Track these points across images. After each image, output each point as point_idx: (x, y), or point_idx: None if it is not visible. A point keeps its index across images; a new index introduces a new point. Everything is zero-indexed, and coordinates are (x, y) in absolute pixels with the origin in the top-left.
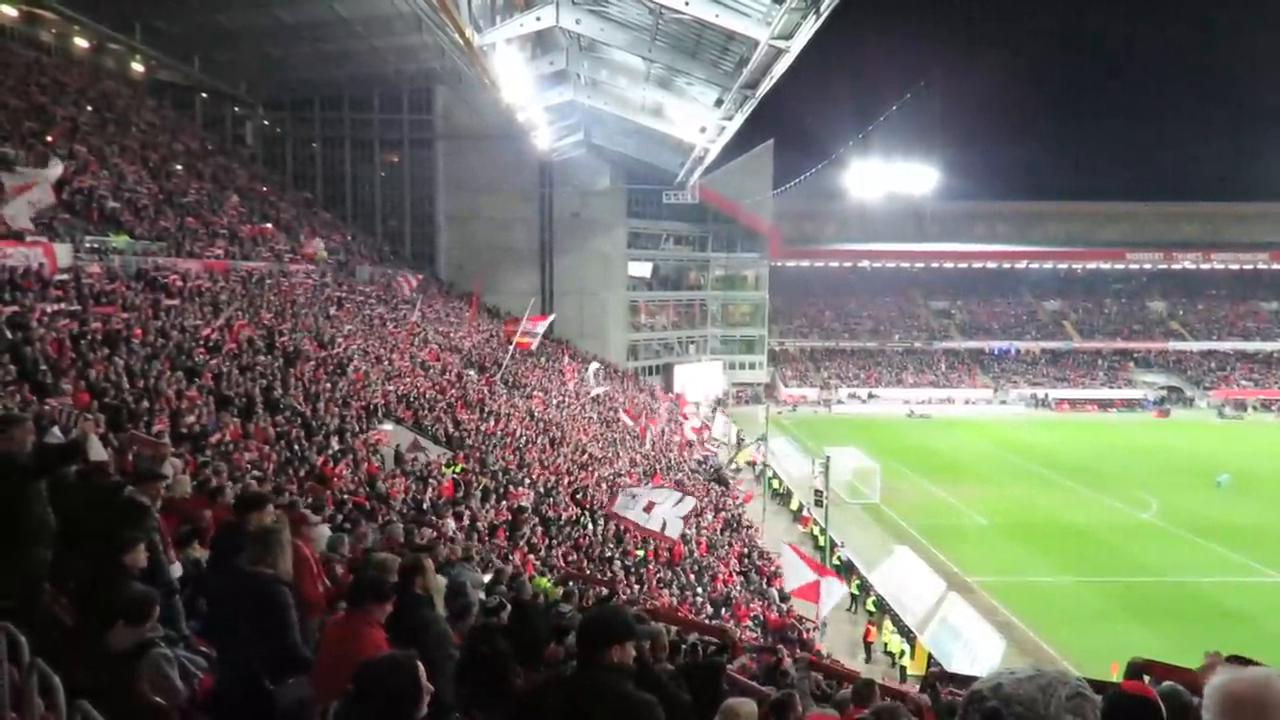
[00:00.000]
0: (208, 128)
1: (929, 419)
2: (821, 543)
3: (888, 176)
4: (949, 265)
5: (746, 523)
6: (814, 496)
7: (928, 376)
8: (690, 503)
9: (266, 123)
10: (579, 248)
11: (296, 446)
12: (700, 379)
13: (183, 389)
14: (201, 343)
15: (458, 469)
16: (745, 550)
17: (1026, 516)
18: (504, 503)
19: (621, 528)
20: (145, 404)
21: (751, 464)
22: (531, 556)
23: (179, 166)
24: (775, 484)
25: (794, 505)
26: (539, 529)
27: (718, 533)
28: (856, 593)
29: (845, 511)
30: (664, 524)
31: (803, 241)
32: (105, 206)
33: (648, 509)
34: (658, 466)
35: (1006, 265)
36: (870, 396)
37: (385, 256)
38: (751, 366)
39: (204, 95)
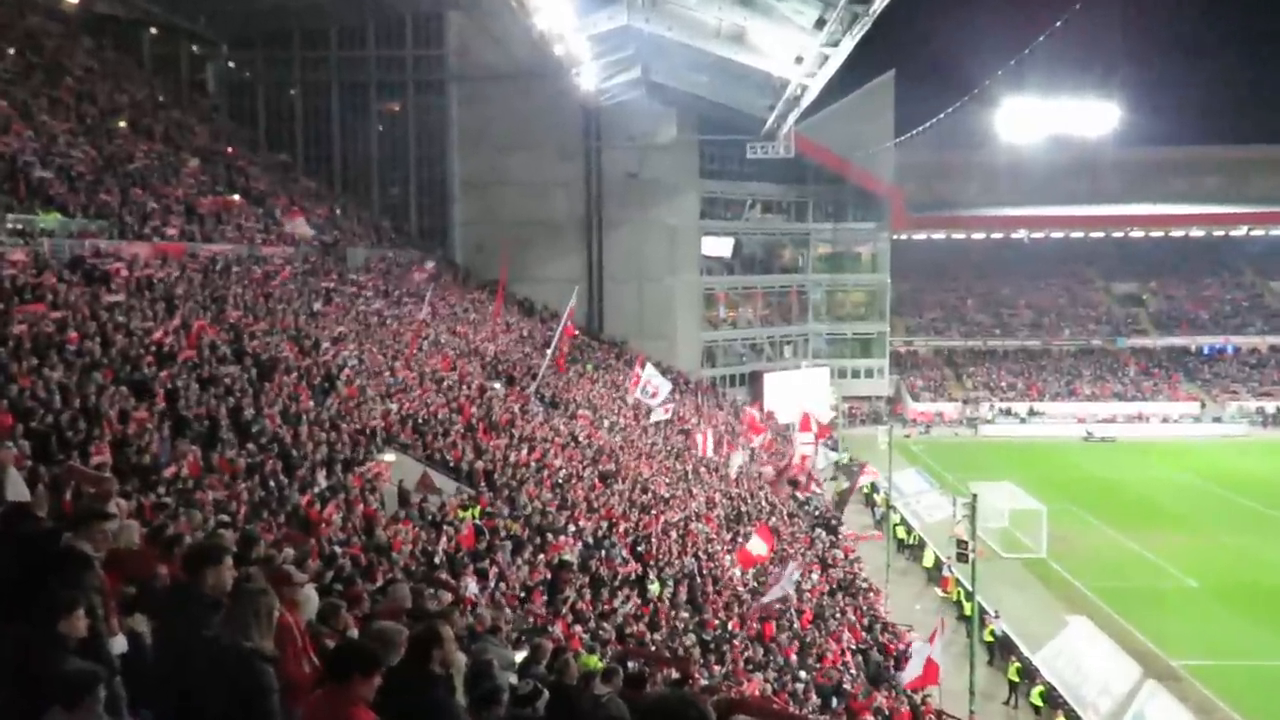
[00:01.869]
0: (159, 73)
1: (1113, 443)
2: (968, 611)
3: (1050, 116)
4: (1137, 234)
5: (859, 578)
6: (956, 549)
7: (1110, 386)
8: (791, 571)
9: (232, 65)
10: (636, 219)
11: (273, 483)
12: (799, 391)
13: (129, 409)
14: (152, 349)
15: (479, 512)
16: (864, 621)
17: (1251, 576)
18: (541, 556)
19: (702, 598)
20: (81, 428)
21: (870, 496)
22: (578, 628)
23: (123, 124)
24: (902, 532)
25: (928, 561)
26: (587, 591)
27: (826, 597)
28: (1016, 679)
29: (999, 569)
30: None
31: (936, 206)
32: (30, 176)
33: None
34: (744, 508)
35: (1219, 232)
36: (1031, 413)
37: (385, 236)
38: (868, 374)
39: (153, 31)
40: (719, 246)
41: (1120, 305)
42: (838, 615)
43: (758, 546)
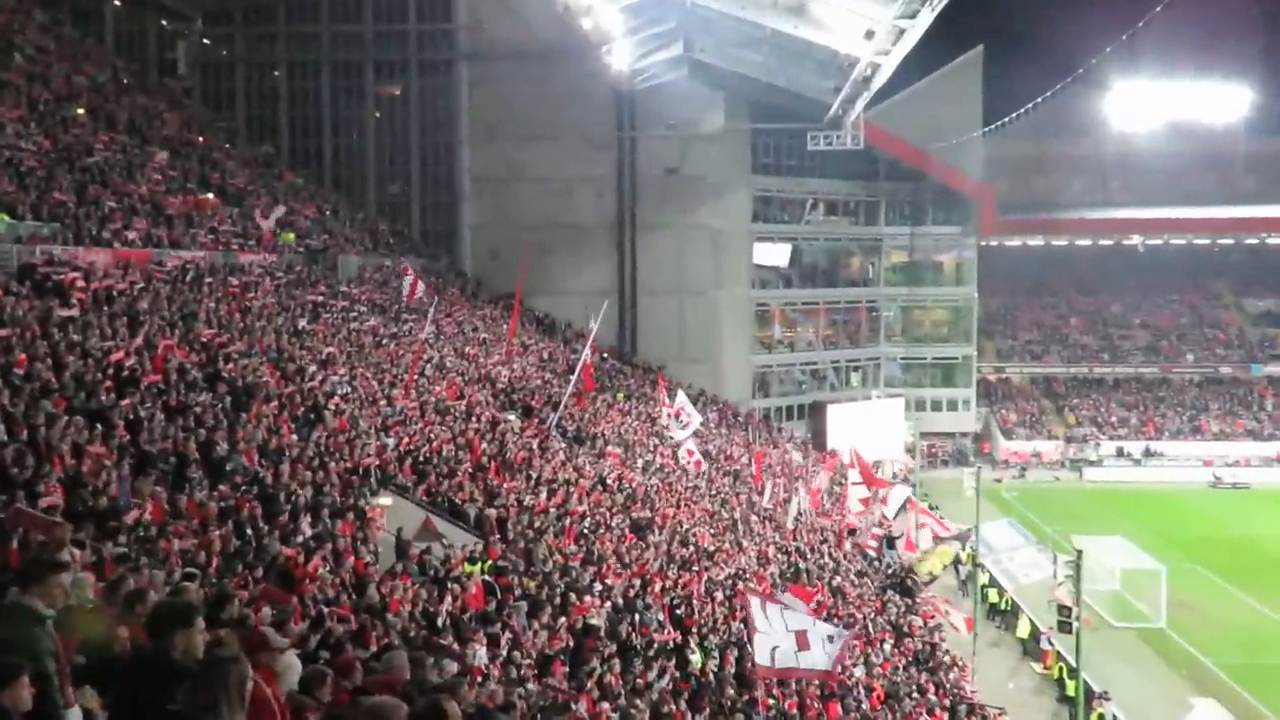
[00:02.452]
0: (123, 52)
1: (1245, 489)
2: (1071, 691)
3: (1170, 101)
4: (1276, 241)
5: (940, 650)
6: (1057, 616)
7: (1242, 421)
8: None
9: (207, 42)
10: (677, 223)
11: (250, 530)
12: (869, 426)
13: (84, 443)
14: (112, 373)
15: (490, 566)
16: (947, 702)
17: None
18: (562, 620)
19: (753, 671)
20: (30, 464)
21: (956, 567)
22: (605, 705)
23: (80, 111)
24: (993, 595)
25: (1023, 631)
26: (616, 662)
27: (900, 672)
28: None
29: (1110, 641)
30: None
31: (1033, 207)
32: None
33: (800, 640)
34: (804, 564)
35: None
36: (1147, 454)
37: (382, 240)
38: (952, 406)
39: (117, 4)
40: (774, 254)
41: (1255, 325)
42: (914, 695)
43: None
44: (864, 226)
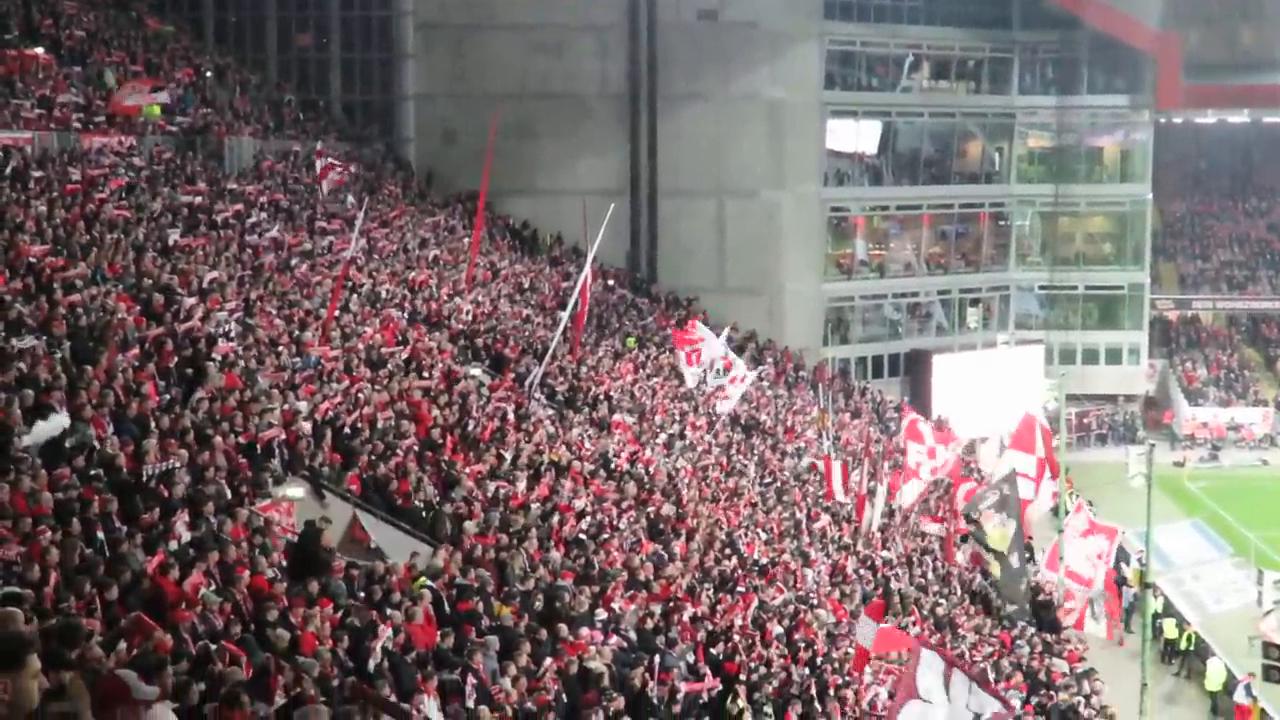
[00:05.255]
0: None
1: None
2: None
3: None
4: None
5: (1093, 706)
6: (1263, 658)
7: None
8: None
9: None
10: (716, 92)
11: (101, 534)
12: (990, 385)
13: None
14: None
15: (444, 584)
16: None
17: None
18: (549, 662)
19: None
20: None
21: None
22: None
23: None
24: (1170, 629)
25: (1214, 680)
26: None
27: None
28: None
29: None
30: None
31: (1233, 70)
32: None
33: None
34: (895, 584)
35: None
36: None
37: (288, 117)
38: (1114, 358)
39: None
40: (857, 137)
41: None
42: None
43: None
44: (989, 96)
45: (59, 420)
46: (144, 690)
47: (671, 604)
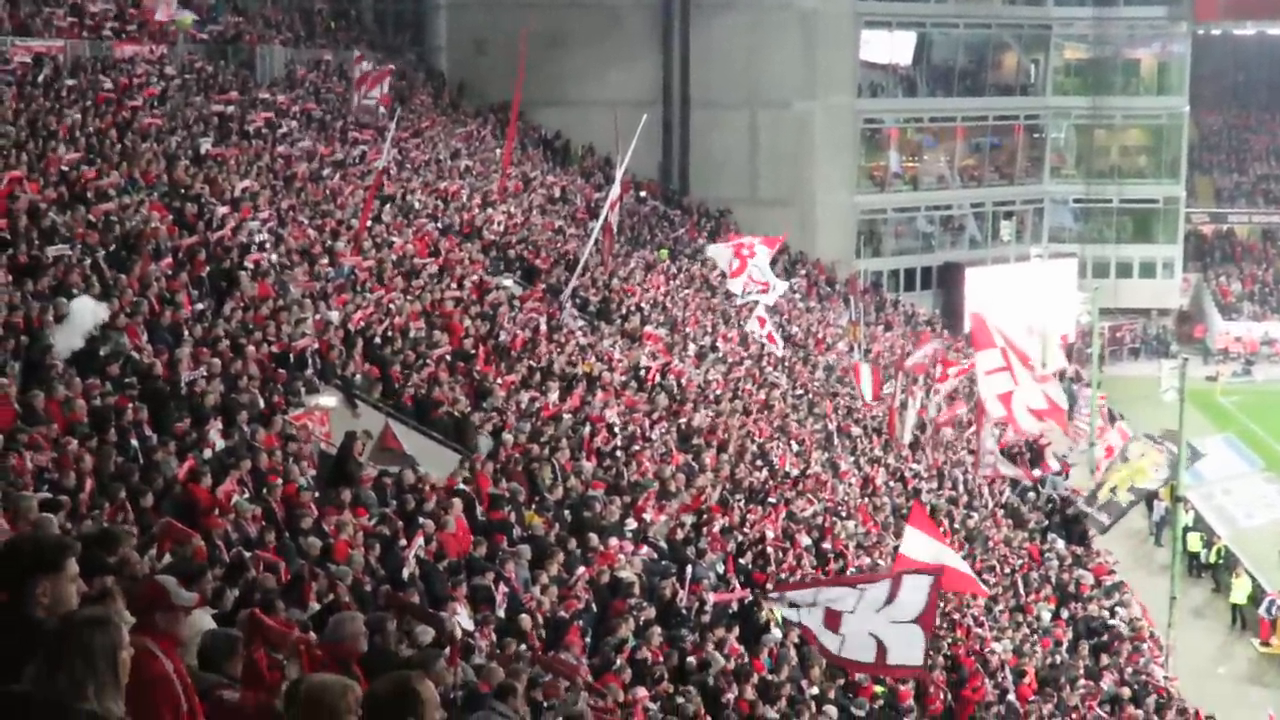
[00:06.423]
0: None
1: None
2: None
3: None
4: None
5: (1122, 619)
6: None
7: None
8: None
9: None
10: (746, 2)
11: (135, 442)
12: (1024, 298)
13: None
14: None
15: (477, 495)
16: (1130, 691)
17: None
18: (581, 571)
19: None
20: None
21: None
22: (640, 691)
23: None
24: (1196, 542)
25: (1240, 593)
26: (656, 631)
27: (1065, 652)
28: None
29: None
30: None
31: None
32: None
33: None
34: (926, 497)
35: None
36: None
37: (319, 27)
38: (1148, 272)
39: None
40: (891, 47)
41: None
42: (1083, 684)
43: (919, 546)
44: (1025, 7)
45: (86, 303)
46: (183, 596)
47: (702, 515)
